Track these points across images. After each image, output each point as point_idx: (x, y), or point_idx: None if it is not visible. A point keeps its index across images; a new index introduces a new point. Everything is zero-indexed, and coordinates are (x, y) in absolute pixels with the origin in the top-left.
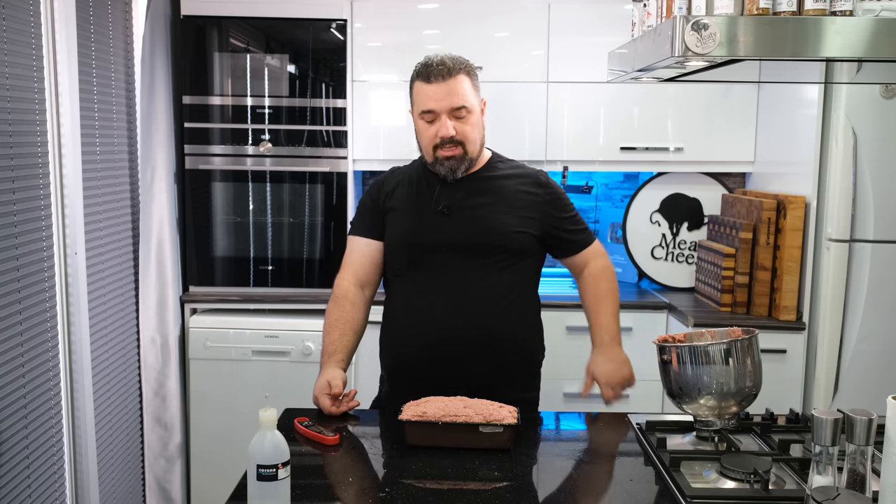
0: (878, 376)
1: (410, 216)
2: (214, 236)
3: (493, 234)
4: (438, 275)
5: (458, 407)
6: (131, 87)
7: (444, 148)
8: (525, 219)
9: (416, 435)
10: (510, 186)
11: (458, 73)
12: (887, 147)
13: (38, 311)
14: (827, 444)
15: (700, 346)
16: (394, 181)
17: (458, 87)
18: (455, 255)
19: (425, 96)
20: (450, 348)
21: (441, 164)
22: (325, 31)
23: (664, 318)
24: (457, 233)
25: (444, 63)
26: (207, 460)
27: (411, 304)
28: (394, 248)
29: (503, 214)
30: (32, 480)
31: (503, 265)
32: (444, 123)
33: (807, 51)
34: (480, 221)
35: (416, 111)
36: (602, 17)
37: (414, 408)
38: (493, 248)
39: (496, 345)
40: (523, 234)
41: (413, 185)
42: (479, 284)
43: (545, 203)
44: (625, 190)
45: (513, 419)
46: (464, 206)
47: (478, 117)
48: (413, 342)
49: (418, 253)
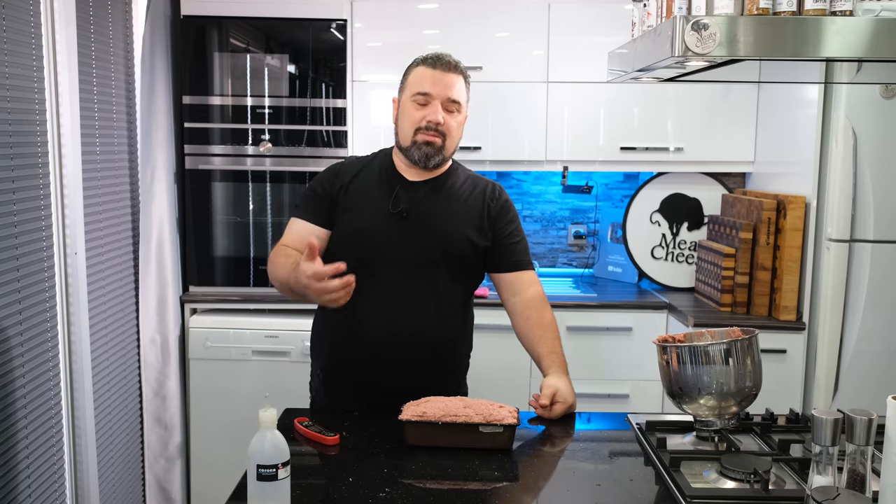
0: (878, 376)
1: (366, 214)
2: (214, 236)
3: (447, 244)
4: (386, 276)
5: (458, 407)
6: (131, 87)
7: (427, 132)
8: (478, 230)
9: (416, 435)
10: (465, 193)
11: (461, 73)
12: (887, 147)
13: (38, 311)
14: (827, 444)
15: (700, 346)
16: (349, 174)
17: (457, 82)
18: (405, 259)
19: (425, 79)
20: (390, 352)
21: (418, 147)
22: (325, 31)
23: (664, 318)
24: (411, 237)
25: (451, 58)
26: (207, 460)
27: (355, 303)
28: (346, 243)
29: (457, 222)
30: (32, 480)
31: (452, 274)
32: (436, 109)
33: (807, 51)
34: (435, 228)
35: (409, 93)
36: (602, 17)
37: (414, 408)
38: (444, 259)
39: (434, 349)
40: (474, 247)
41: (371, 184)
42: (425, 289)
43: (495, 211)
44: (625, 190)
45: (513, 419)
46: (421, 211)
47: (463, 120)
48: (356, 343)
49: (370, 252)
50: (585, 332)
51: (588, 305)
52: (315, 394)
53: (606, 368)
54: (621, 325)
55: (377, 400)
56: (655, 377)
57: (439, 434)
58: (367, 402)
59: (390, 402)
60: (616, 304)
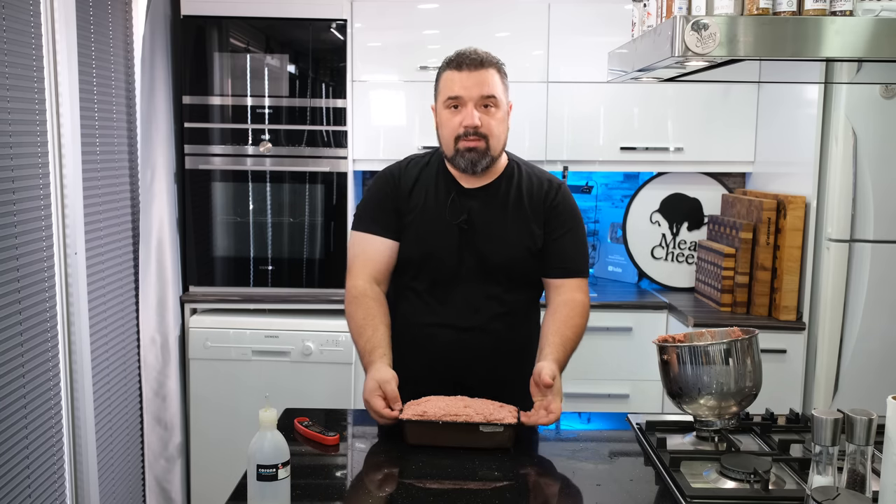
0: (878, 376)
1: (430, 228)
2: (214, 236)
3: (507, 257)
4: (452, 288)
5: (459, 406)
6: (131, 87)
7: (467, 139)
8: (535, 234)
9: (417, 434)
10: (524, 196)
11: (490, 66)
12: (887, 147)
13: (38, 311)
14: (827, 444)
15: (700, 346)
16: (410, 179)
17: (488, 78)
18: (467, 270)
19: (453, 83)
20: (457, 363)
21: (462, 156)
22: (325, 31)
23: (664, 318)
24: (472, 248)
25: (476, 53)
26: (207, 460)
27: (419, 317)
28: (412, 260)
29: (515, 230)
30: (32, 480)
31: (514, 282)
32: (470, 112)
33: (807, 51)
34: (494, 237)
35: (441, 100)
36: (602, 17)
37: (414, 407)
38: (506, 272)
39: (503, 359)
40: (532, 254)
41: (430, 191)
42: (489, 298)
43: (548, 213)
44: (625, 190)
45: (513, 419)
46: (479, 220)
47: (504, 114)
48: (417, 359)
49: (434, 270)
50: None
51: None
52: None
53: (606, 368)
54: (621, 325)
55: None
56: (655, 377)
57: (440, 433)
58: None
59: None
60: (616, 304)
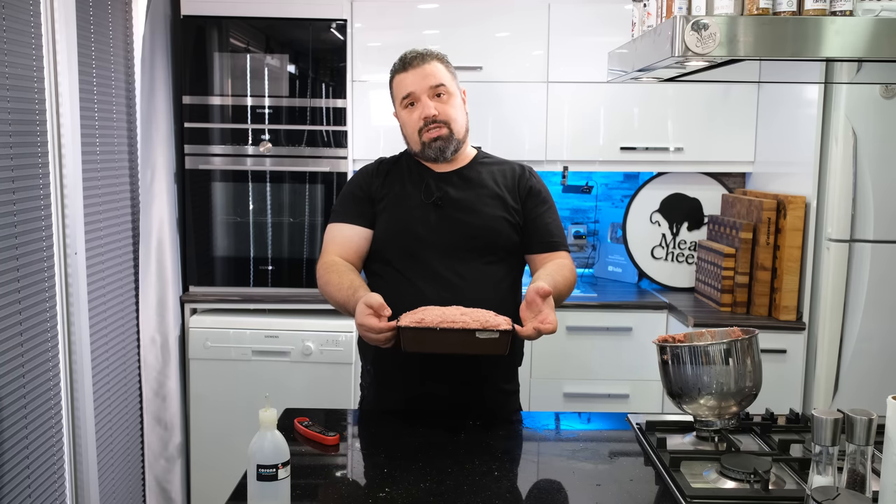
0: (878, 376)
1: (403, 208)
2: (214, 236)
3: (486, 227)
4: (432, 264)
5: (455, 314)
6: (131, 87)
7: (429, 130)
8: (511, 210)
9: (414, 341)
10: (495, 177)
11: (433, 59)
12: (887, 147)
13: (38, 311)
14: (827, 444)
15: (700, 346)
16: (382, 171)
17: (433, 69)
18: (447, 245)
19: (404, 83)
20: None
21: (429, 146)
22: (325, 31)
23: (664, 318)
24: (449, 223)
25: (415, 51)
26: (207, 460)
27: (401, 294)
28: (389, 239)
29: (490, 204)
30: (32, 480)
31: (494, 258)
32: (425, 104)
33: (807, 51)
34: (470, 212)
35: (398, 103)
36: (602, 17)
37: (411, 315)
38: (485, 241)
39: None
40: (512, 226)
41: (403, 179)
42: (471, 274)
43: (524, 192)
44: (625, 190)
45: (508, 326)
46: (454, 198)
47: (459, 102)
48: None
49: (413, 242)
50: (585, 332)
51: (588, 305)
52: (366, 392)
53: (606, 368)
54: (621, 325)
55: (429, 389)
56: (655, 377)
57: (436, 340)
58: (417, 392)
59: (440, 392)
60: (616, 304)
